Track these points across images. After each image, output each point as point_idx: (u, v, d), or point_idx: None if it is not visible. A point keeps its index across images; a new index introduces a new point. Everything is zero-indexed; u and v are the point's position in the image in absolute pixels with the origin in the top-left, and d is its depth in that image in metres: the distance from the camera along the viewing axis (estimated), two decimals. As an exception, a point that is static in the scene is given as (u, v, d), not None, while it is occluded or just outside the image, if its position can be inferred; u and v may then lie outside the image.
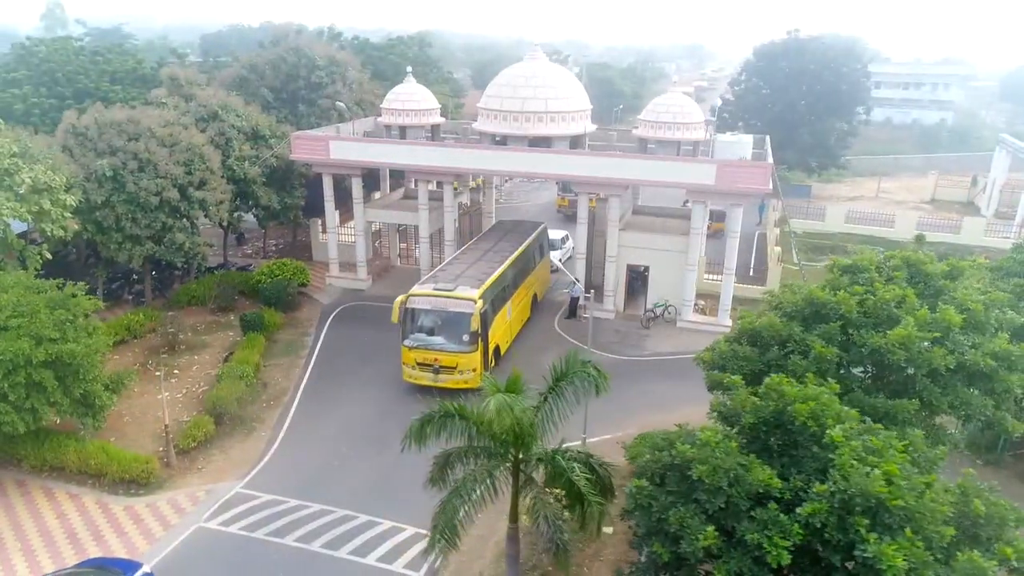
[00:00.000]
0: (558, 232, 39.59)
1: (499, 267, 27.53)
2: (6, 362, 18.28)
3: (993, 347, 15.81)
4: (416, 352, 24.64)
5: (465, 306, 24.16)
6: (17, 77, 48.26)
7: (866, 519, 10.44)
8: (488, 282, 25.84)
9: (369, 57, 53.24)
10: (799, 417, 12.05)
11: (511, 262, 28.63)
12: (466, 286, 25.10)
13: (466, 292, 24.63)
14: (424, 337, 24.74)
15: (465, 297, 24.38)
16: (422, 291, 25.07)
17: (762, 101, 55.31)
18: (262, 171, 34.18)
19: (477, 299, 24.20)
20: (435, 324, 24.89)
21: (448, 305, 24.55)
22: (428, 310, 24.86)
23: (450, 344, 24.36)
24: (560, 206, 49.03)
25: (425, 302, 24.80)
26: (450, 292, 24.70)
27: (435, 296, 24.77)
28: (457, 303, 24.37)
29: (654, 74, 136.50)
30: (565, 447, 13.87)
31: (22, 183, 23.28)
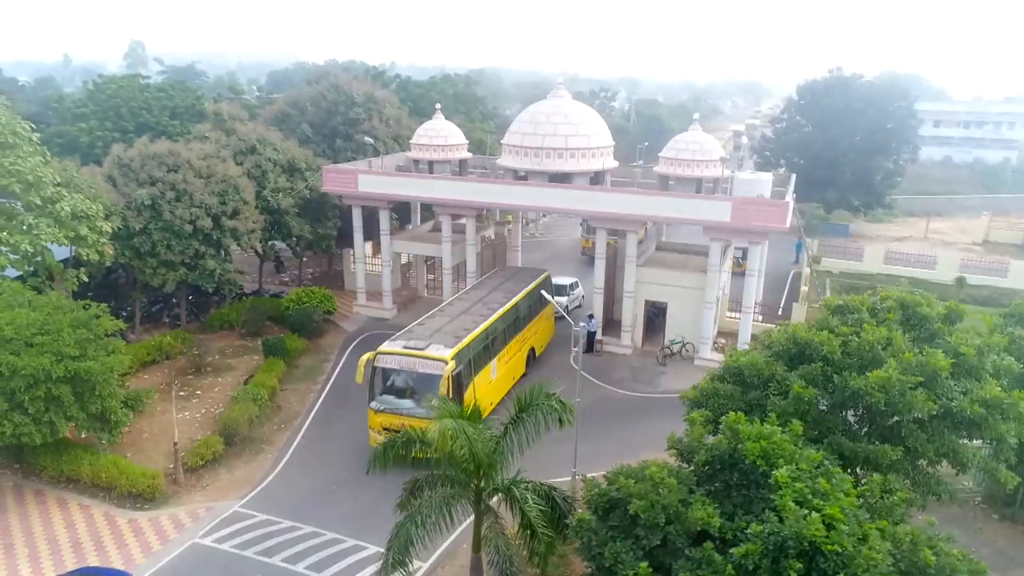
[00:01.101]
0: (566, 278, 38.00)
1: (484, 321, 25.64)
2: (27, 376, 19.52)
3: (984, 394, 15.29)
4: (382, 416, 22.54)
5: (435, 367, 21.94)
6: (85, 112, 51.64)
7: (800, 563, 10.29)
8: (467, 339, 23.85)
9: (410, 94, 54.98)
10: (749, 456, 11.97)
11: (500, 315, 26.77)
12: (440, 344, 23.05)
13: (438, 352, 22.50)
14: (392, 400, 22.75)
15: (436, 357, 22.23)
16: (391, 349, 22.99)
17: (804, 139, 54.63)
18: (295, 202, 35.60)
19: (449, 359, 22.01)
20: (404, 386, 22.93)
21: (418, 365, 22.45)
22: (396, 370, 22.96)
23: (419, 409, 21.81)
24: (584, 247, 46.88)
25: (393, 361, 22.80)
26: (421, 351, 22.59)
27: (404, 355, 22.68)
28: (427, 364, 22.24)
29: (706, 111, 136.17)
30: (528, 480, 13.98)
31: (62, 210, 24.98)
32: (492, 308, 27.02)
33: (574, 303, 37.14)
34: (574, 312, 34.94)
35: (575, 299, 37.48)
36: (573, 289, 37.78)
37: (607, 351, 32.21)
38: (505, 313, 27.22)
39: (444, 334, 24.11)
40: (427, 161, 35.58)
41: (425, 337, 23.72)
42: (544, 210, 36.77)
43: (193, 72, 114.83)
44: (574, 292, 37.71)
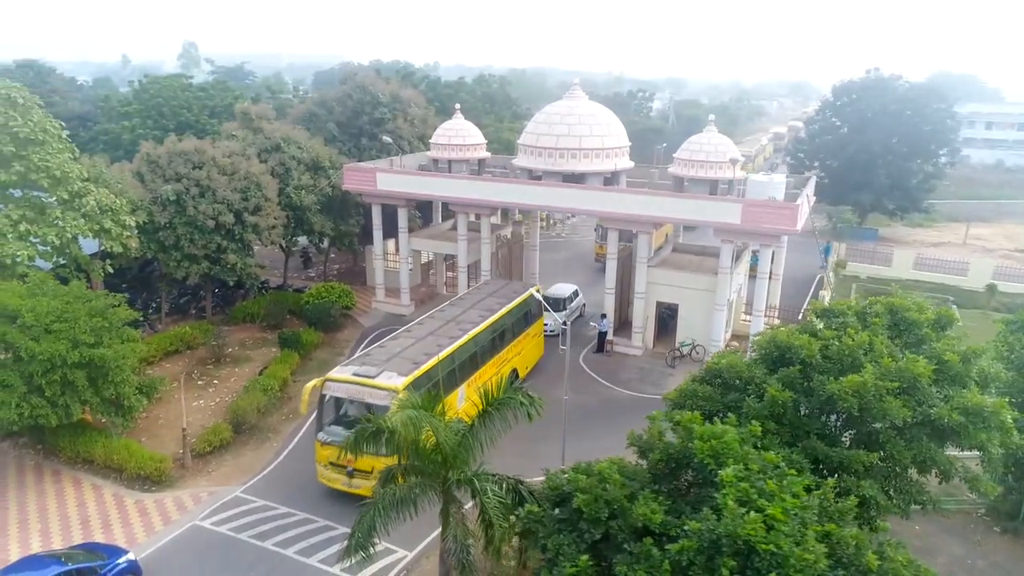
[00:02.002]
0: (566, 287, 35.96)
1: (452, 344, 23.43)
2: (44, 361, 20.59)
3: (964, 401, 15.01)
4: (329, 449, 20.45)
5: (384, 398, 19.84)
6: (129, 111, 53.83)
7: (734, 561, 10.38)
8: (428, 365, 21.72)
9: (438, 94, 55.64)
10: (699, 455, 12.07)
11: (473, 336, 24.63)
12: (393, 372, 20.91)
13: (389, 381, 20.41)
14: (340, 432, 20.55)
15: (386, 387, 20.15)
16: (340, 376, 21.06)
17: (838, 141, 53.51)
18: (318, 199, 36.51)
19: (401, 390, 19.67)
20: (353, 417, 20.99)
21: (366, 395, 20.46)
22: (345, 400, 21.18)
23: None
24: (598, 255, 44.05)
25: (342, 389, 20.86)
26: (371, 379, 20.49)
27: (353, 383, 20.67)
28: (376, 394, 20.22)
29: (750, 112, 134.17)
30: (494, 473, 14.27)
31: (88, 204, 26.23)
32: (464, 328, 24.90)
33: (573, 314, 35.16)
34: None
35: (575, 310, 35.53)
36: (573, 299, 35.66)
37: (618, 351, 32.25)
38: (479, 334, 25.14)
39: (403, 359, 22.00)
40: (446, 160, 36.08)
41: (381, 362, 21.65)
42: (557, 210, 36.88)
43: (242, 72, 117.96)
44: (575, 302, 35.71)
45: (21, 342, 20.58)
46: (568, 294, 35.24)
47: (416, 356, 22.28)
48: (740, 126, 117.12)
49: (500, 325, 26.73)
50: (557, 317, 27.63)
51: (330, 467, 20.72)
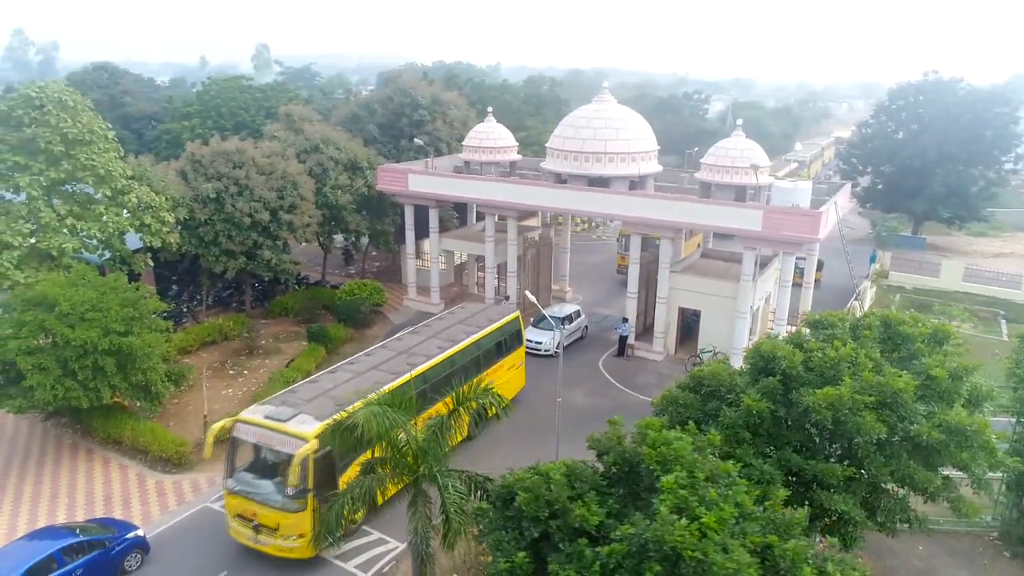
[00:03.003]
0: (567, 306, 34.42)
1: (396, 379, 20.72)
2: (78, 347, 22.15)
3: (946, 419, 14.65)
4: (236, 499, 18.61)
5: (293, 446, 17.61)
6: (190, 112, 56.55)
7: (660, 566, 10.55)
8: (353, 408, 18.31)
9: (481, 97, 56.32)
10: (647, 461, 12.24)
11: (425, 370, 21.93)
12: (310, 416, 18.49)
13: (300, 426, 18.05)
14: (248, 480, 18.72)
15: (295, 434, 17.84)
16: (251, 418, 18.81)
17: (892, 146, 51.70)
18: (353, 199, 37.66)
19: (312, 438, 17.56)
20: (262, 466, 19.06)
21: (275, 442, 18.22)
22: (255, 445, 19.07)
23: (273, 497, 18.09)
24: (620, 265, 41.86)
25: (252, 433, 18.62)
26: (281, 424, 18.21)
27: (263, 427, 18.41)
28: (284, 441, 17.94)
29: (815, 113, 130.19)
30: (460, 470, 14.74)
31: (130, 201, 27.92)
32: (414, 362, 22.10)
33: (573, 335, 33.15)
34: (574, 346, 32.08)
35: (575, 330, 33.44)
36: (574, 319, 33.63)
37: (638, 356, 32.23)
38: (435, 367, 22.45)
39: (329, 399, 19.52)
40: (478, 163, 36.69)
41: (303, 401, 19.46)
42: (580, 213, 36.96)
43: (308, 73, 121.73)
44: (575, 322, 33.60)
45: (58, 329, 22.14)
46: (568, 313, 33.28)
47: (346, 395, 19.31)
48: (803, 129, 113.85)
49: (463, 357, 23.80)
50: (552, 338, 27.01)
51: (237, 519, 18.63)
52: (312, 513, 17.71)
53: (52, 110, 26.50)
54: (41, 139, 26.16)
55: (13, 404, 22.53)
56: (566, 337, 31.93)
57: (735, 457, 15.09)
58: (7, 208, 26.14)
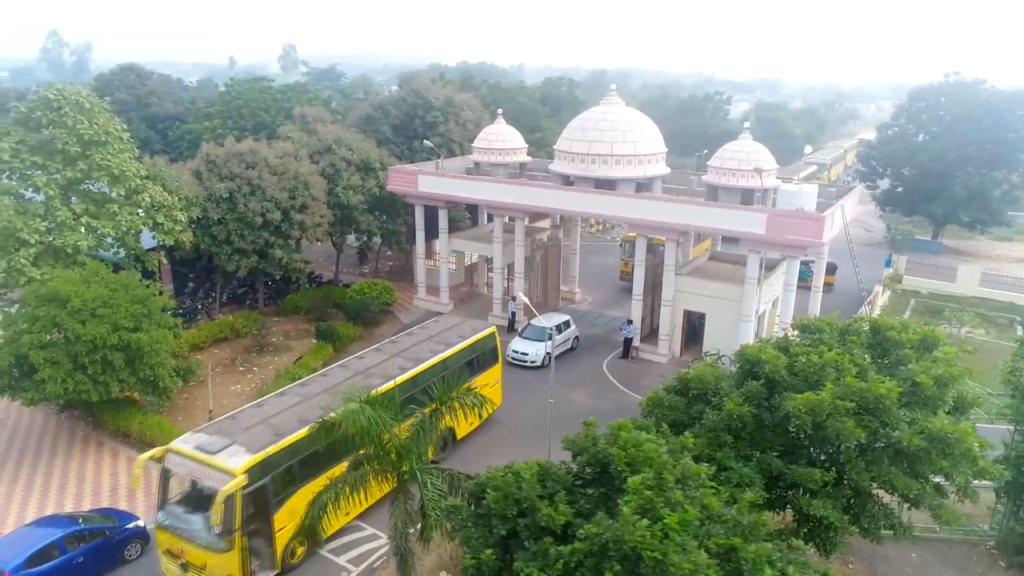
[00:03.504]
0: (556, 316, 32.87)
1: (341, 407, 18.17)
2: (88, 342, 22.83)
3: (928, 426, 14.59)
4: (164, 535, 17.50)
5: (219, 481, 16.38)
6: (211, 112, 57.59)
7: (619, 565, 10.72)
8: (293, 437, 17.94)
9: (497, 99, 56.60)
10: (616, 462, 12.40)
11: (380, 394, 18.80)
12: (242, 447, 17.21)
13: (228, 460, 16.74)
14: (178, 515, 17.62)
15: (222, 469, 16.56)
16: (181, 448, 17.55)
17: (911, 148, 50.97)
18: (365, 199, 38.16)
19: (240, 473, 16.38)
20: (192, 499, 17.73)
21: (203, 475, 16.98)
22: (184, 477, 17.75)
23: (200, 534, 16.88)
24: (623, 272, 41.28)
25: (181, 465, 17.36)
26: (210, 456, 16.92)
27: (193, 459, 17.17)
28: (212, 476, 16.72)
29: (842, 114, 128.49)
30: (443, 467, 15.01)
31: (143, 201, 28.66)
32: (374, 383, 19.90)
33: (563, 346, 31.87)
34: (565, 356, 31.37)
35: (565, 341, 32.19)
36: (563, 330, 32.29)
37: (643, 358, 32.27)
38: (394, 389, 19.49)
39: (269, 426, 18.34)
40: (488, 164, 36.97)
41: (240, 430, 18.20)
42: (586, 215, 37.00)
43: (334, 73, 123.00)
44: (564, 333, 32.26)
45: (69, 324, 22.83)
46: (556, 323, 31.81)
47: (288, 423, 18.42)
48: (829, 130, 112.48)
49: (427, 377, 22.03)
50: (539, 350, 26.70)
51: (167, 555, 17.59)
52: (240, 553, 16.68)
53: (69, 112, 27.30)
54: (58, 140, 26.97)
55: (26, 396, 23.31)
56: (556, 348, 30.08)
57: (716, 460, 15.23)
58: (25, 207, 26.98)
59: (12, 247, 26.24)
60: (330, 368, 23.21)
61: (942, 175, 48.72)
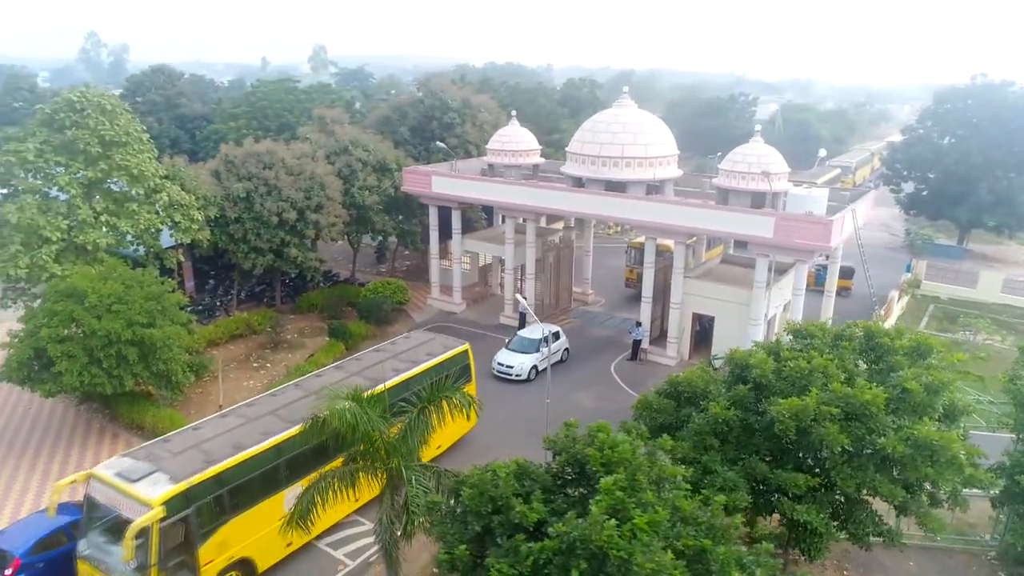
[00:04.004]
0: (547, 327, 30.17)
1: (285, 432, 18.26)
2: (103, 337, 23.58)
3: (914, 432, 14.52)
4: (85, 566, 16.56)
5: (136, 512, 15.39)
6: (237, 112, 58.74)
7: (586, 564, 10.93)
8: (223, 465, 16.90)
9: (515, 101, 56.84)
10: (592, 463, 12.59)
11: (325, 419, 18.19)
12: (165, 476, 16.19)
13: (147, 491, 15.72)
14: (99, 545, 16.51)
15: (140, 500, 15.56)
16: (102, 474, 16.53)
17: (935, 151, 50.11)
18: (380, 199, 38.68)
19: (158, 504, 15.39)
20: (115, 529, 16.24)
21: (121, 505, 15.93)
22: (105, 505, 16.48)
23: (118, 567, 15.73)
24: (628, 279, 40.78)
25: (102, 492, 16.37)
26: (129, 486, 15.93)
27: (113, 487, 16.16)
28: (130, 506, 15.69)
29: (873, 116, 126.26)
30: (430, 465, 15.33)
31: (161, 200, 29.47)
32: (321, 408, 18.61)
33: (552, 358, 28.97)
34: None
35: (554, 353, 30.21)
36: (552, 341, 29.67)
37: (651, 360, 32.29)
38: None
39: (202, 452, 17.35)
40: (501, 165, 37.24)
41: (170, 455, 17.18)
42: (596, 217, 37.00)
43: (362, 74, 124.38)
44: (553, 345, 30.34)
45: (85, 319, 23.62)
46: (545, 335, 29.33)
47: (222, 448, 17.44)
48: (859, 132, 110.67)
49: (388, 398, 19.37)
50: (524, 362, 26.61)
51: None
52: None
53: (92, 114, 28.16)
54: (80, 140, 27.83)
55: (44, 388, 24.14)
56: (542, 361, 29.31)
57: (701, 463, 15.35)
58: (48, 205, 27.89)
59: (35, 244, 27.18)
60: (284, 386, 21.95)
61: (967, 179, 47.85)
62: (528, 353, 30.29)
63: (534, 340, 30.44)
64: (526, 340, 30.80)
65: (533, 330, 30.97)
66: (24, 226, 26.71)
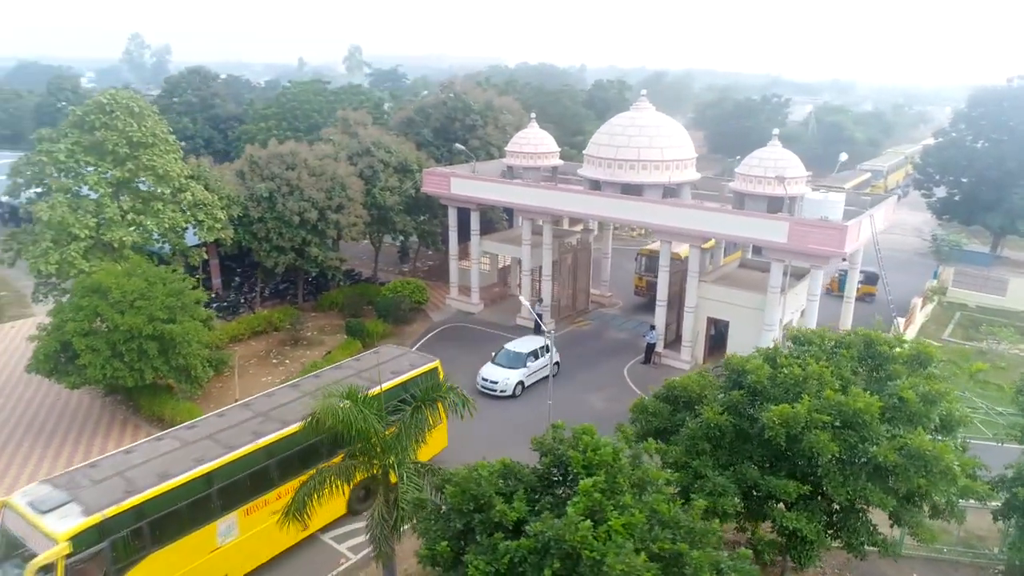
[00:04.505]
0: (534, 340, 30.18)
1: (220, 458, 17.40)
2: (125, 332, 24.44)
3: (906, 442, 14.41)
4: None
5: (43, 546, 14.68)
6: (267, 113, 59.92)
7: (559, 563, 11.14)
8: (138, 499, 15.82)
9: (539, 102, 57.03)
10: (573, 465, 12.78)
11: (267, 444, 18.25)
12: (79, 507, 15.31)
13: (55, 523, 14.86)
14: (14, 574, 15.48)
15: (46, 533, 14.77)
16: (16, 504, 15.73)
17: (968, 155, 48.97)
18: (401, 200, 39.21)
19: (64, 539, 14.59)
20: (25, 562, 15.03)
21: (31, 538, 15.13)
22: (17, 537, 15.56)
23: None
24: (638, 287, 40.15)
25: (15, 523, 15.59)
26: (38, 517, 15.08)
27: (24, 517, 15.36)
28: (37, 539, 14.91)
29: (912, 119, 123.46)
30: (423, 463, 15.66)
31: (185, 199, 30.35)
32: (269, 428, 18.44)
33: (540, 373, 28.65)
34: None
35: (538, 370, 28.93)
36: (539, 356, 29.30)
37: (665, 363, 32.24)
38: (290, 437, 18.49)
39: (125, 480, 16.39)
40: (520, 167, 37.48)
41: (92, 482, 16.25)
42: (611, 220, 36.94)
43: (395, 75, 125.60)
44: (538, 360, 29.23)
45: (109, 314, 24.48)
46: (533, 348, 29.37)
47: (147, 477, 16.49)
48: (897, 135, 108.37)
49: None
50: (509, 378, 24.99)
51: None
52: None
53: (120, 115, 29.14)
54: (109, 142, 28.82)
55: (69, 380, 25.10)
56: (529, 376, 28.66)
57: (692, 468, 15.43)
58: (78, 203, 28.91)
59: (65, 241, 28.23)
60: (229, 408, 20.88)
61: (1001, 184, 46.70)
62: (515, 368, 28.64)
63: (521, 354, 28.95)
64: (512, 354, 29.23)
65: (522, 343, 29.72)
66: (55, 224, 27.74)
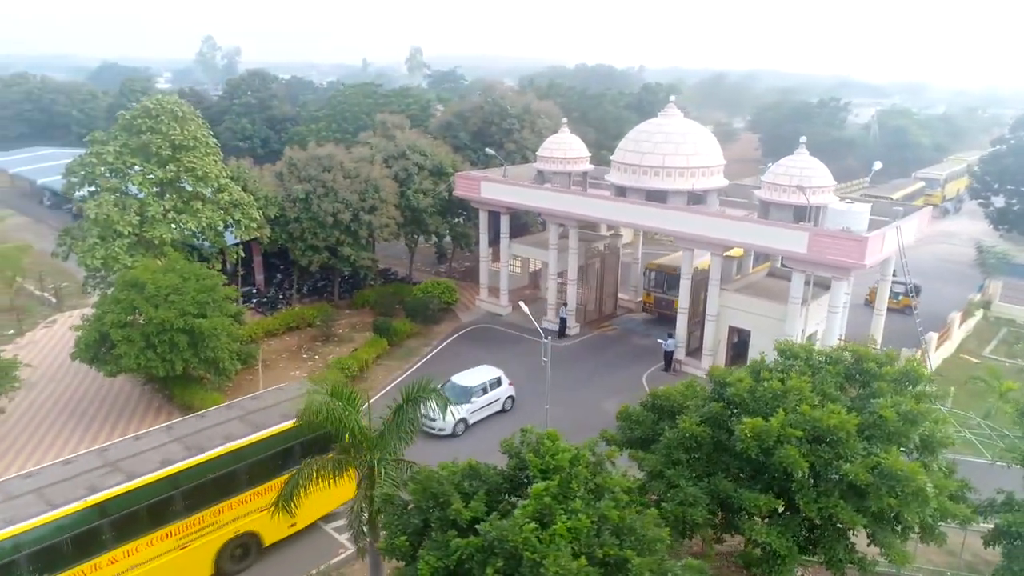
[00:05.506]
0: (485, 371, 27.80)
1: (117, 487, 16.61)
2: (158, 324, 25.96)
3: (879, 461, 14.27)
4: None
5: None
6: (319, 115, 61.85)
7: (502, 562, 11.60)
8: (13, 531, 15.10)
9: (579, 106, 57.15)
10: (532, 469, 13.21)
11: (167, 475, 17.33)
12: None
13: None
14: None
15: None
16: None
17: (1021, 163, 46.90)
18: (434, 202, 40.09)
19: None
20: None
21: None
22: None
23: None
24: (646, 303, 38.66)
25: None
26: None
27: None
28: None
29: (985, 123, 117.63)
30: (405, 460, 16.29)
31: (223, 199, 31.90)
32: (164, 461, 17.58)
33: (489, 409, 27.02)
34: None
35: (488, 403, 27.06)
36: (492, 388, 27.33)
37: (685, 371, 32.11)
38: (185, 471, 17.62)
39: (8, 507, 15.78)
40: (551, 172, 37.84)
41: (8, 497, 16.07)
42: (634, 226, 36.90)
43: (453, 76, 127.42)
44: (488, 395, 27.17)
45: (144, 308, 26.05)
46: (482, 382, 27.01)
47: (35, 504, 15.84)
48: (967, 140, 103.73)
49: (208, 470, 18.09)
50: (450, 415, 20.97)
51: None
52: None
53: (165, 120, 30.83)
54: (154, 144, 30.55)
55: (107, 368, 26.81)
56: (474, 412, 26.48)
57: (666, 477, 15.63)
58: (123, 202, 30.73)
59: (111, 237, 30.07)
60: (151, 430, 20.34)
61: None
62: (459, 403, 25.56)
63: (468, 388, 26.52)
64: (458, 387, 26.48)
65: (471, 374, 27.36)
66: (101, 221, 29.59)
